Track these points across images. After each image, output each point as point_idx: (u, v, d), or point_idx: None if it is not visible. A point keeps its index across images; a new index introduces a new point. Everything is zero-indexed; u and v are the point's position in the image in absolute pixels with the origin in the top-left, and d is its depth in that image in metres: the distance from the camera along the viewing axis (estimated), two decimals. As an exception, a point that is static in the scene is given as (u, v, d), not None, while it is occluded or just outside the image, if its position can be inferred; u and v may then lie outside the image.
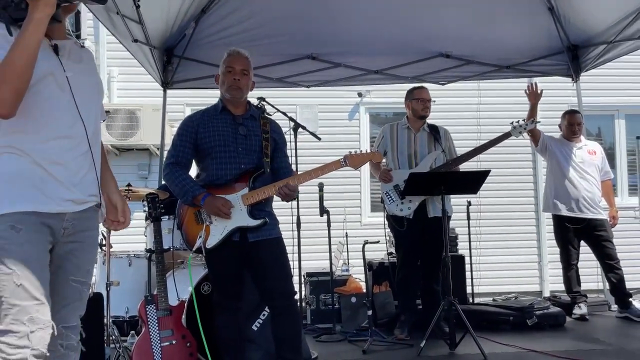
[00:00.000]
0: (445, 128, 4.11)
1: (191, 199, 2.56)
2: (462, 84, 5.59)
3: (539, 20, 4.48)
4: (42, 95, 1.64)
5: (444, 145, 3.92)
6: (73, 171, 1.71)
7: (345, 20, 4.38)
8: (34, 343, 1.58)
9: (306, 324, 4.32)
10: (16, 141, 1.64)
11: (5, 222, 1.59)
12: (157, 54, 4.38)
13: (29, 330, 1.57)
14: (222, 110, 2.68)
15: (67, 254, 1.75)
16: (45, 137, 1.66)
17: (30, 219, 1.63)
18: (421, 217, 3.79)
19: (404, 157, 3.89)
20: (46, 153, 1.66)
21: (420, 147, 3.90)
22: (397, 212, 3.80)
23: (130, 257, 3.75)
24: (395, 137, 3.96)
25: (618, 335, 3.96)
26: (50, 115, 1.67)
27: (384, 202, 3.88)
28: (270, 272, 2.59)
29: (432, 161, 3.86)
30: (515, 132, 3.95)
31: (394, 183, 3.81)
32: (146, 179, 6.36)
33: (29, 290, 1.59)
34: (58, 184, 1.68)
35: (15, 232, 1.59)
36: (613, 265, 4.31)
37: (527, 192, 6.94)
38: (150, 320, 2.91)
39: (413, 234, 3.79)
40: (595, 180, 4.41)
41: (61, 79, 1.70)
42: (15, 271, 1.57)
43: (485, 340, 3.49)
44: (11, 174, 1.63)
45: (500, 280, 6.45)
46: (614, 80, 6.85)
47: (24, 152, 1.64)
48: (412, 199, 3.77)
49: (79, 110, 1.73)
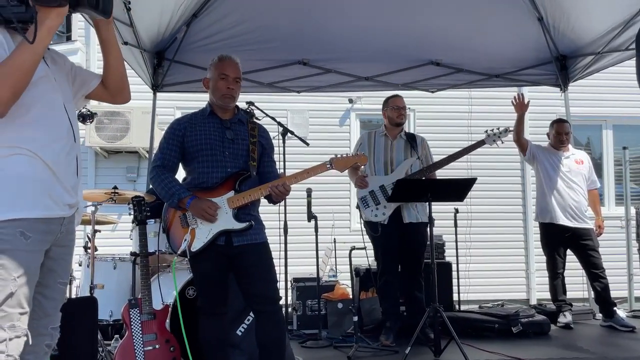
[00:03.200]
0: (422, 136, 4.15)
1: (177, 202, 2.55)
2: (453, 92, 5.65)
3: (528, 30, 4.53)
4: (41, 97, 1.65)
5: (420, 153, 3.95)
6: (69, 174, 1.73)
7: (336, 26, 4.41)
8: (10, 349, 1.57)
9: (292, 329, 4.31)
10: (24, 142, 1.62)
11: (16, 227, 1.58)
12: (147, 57, 4.38)
13: (8, 337, 1.57)
14: (210, 114, 2.68)
15: (58, 258, 1.76)
16: (49, 139, 1.67)
17: (39, 226, 1.63)
18: (397, 223, 3.81)
19: (380, 164, 3.93)
20: (52, 155, 1.66)
21: (396, 154, 3.94)
22: (371, 218, 3.82)
23: (115, 260, 3.71)
24: (373, 144, 4.00)
25: (601, 344, 3.99)
26: (49, 117, 1.69)
27: (359, 208, 3.89)
28: (256, 277, 2.58)
29: (407, 168, 3.89)
30: (489, 140, 3.97)
31: (369, 189, 3.84)
32: (135, 182, 6.34)
33: (19, 299, 1.59)
34: (62, 187, 1.69)
35: (24, 240, 1.59)
36: (598, 274, 4.34)
37: (515, 200, 7.00)
38: (133, 323, 2.89)
39: (389, 240, 3.81)
40: (582, 189, 4.45)
41: (52, 82, 1.71)
42: (15, 279, 1.57)
43: (470, 347, 3.50)
44: (23, 176, 1.61)
45: (488, 287, 6.49)
46: (602, 91, 6.94)
47: (33, 153, 1.63)
48: (387, 205, 3.79)
49: (67, 113, 1.75)
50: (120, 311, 2.99)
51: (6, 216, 1.58)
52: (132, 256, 3.51)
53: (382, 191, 3.81)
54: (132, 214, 3.11)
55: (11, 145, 1.61)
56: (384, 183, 3.80)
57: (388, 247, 3.83)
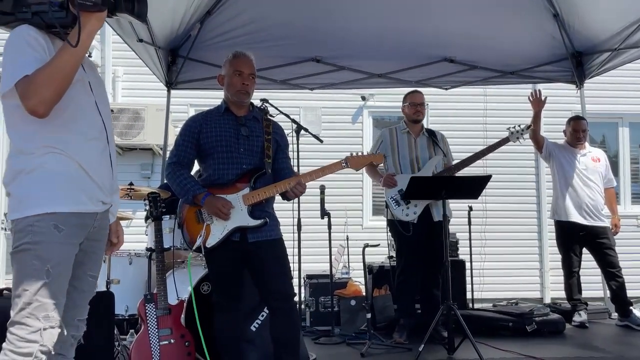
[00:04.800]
0: (441, 132, 4.13)
1: (192, 198, 2.57)
2: (468, 88, 5.60)
3: (543, 26, 4.48)
4: (76, 99, 1.71)
5: (443, 150, 3.94)
6: (102, 173, 1.79)
7: (349, 23, 4.40)
8: (45, 339, 1.61)
9: (305, 326, 4.33)
10: (57, 142, 1.69)
11: (49, 221, 1.64)
12: (162, 54, 4.41)
13: (42, 326, 1.61)
14: (225, 111, 2.70)
15: (89, 252, 1.82)
16: (82, 140, 1.73)
17: (72, 220, 1.69)
18: (426, 222, 3.79)
19: (406, 162, 3.90)
20: (85, 155, 1.73)
21: (421, 152, 3.92)
22: (402, 217, 3.79)
23: (131, 255, 3.76)
24: (395, 141, 3.97)
25: (617, 343, 3.95)
26: (84, 119, 1.76)
27: (388, 207, 3.86)
28: (270, 273, 2.59)
29: (433, 166, 3.88)
30: (513, 137, 3.96)
31: (398, 188, 3.81)
32: (149, 179, 6.38)
33: (54, 290, 1.64)
34: (94, 184, 1.76)
35: (58, 232, 1.65)
36: (614, 273, 4.30)
37: (530, 198, 6.93)
38: (149, 318, 2.92)
39: (417, 239, 3.78)
40: (599, 187, 4.40)
41: (86, 85, 1.79)
42: (49, 269, 1.62)
43: (483, 345, 3.48)
44: (57, 174, 1.68)
45: (502, 286, 6.44)
46: (619, 88, 6.84)
47: (67, 153, 1.69)
48: (417, 204, 3.77)
49: (100, 114, 1.82)
50: (136, 306, 3.03)
51: (41, 210, 1.64)
52: (148, 252, 3.54)
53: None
54: (148, 210, 3.14)
55: (46, 145, 1.68)
56: None
57: (416, 245, 3.81)
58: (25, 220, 1.64)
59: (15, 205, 1.68)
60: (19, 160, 1.69)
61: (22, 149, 1.69)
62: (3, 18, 1.70)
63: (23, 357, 1.59)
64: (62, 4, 1.65)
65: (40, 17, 1.66)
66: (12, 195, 1.70)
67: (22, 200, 1.66)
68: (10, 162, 1.71)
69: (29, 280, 1.61)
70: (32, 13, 1.66)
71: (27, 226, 1.63)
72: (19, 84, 1.60)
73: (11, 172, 1.70)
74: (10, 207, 1.70)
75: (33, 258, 1.62)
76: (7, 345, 1.60)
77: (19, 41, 1.65)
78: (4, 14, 1.69)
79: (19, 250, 1.64)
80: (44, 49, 1.66)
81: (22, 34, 1.66)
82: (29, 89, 1.59)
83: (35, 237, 1.62)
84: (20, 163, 1.68)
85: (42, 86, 1.59)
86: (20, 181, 1.67)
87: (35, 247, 1.62)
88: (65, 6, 1.65)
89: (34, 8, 1.66)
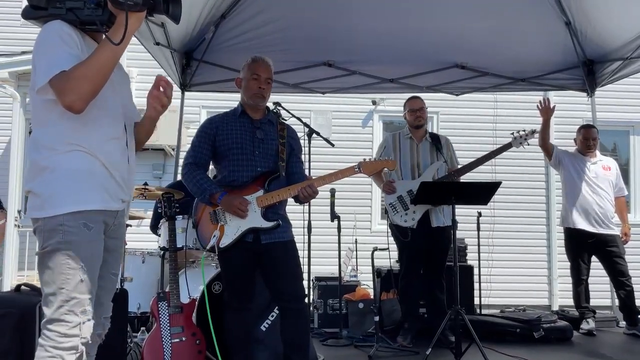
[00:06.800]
0: (446, 137, 4.14)
1: (208, 198, 2.62)
2: (478, 94, 5.63)
3: (555, 34, 4.49)
4: (101, 99, 1.72)
5: (445, 156, 3.94)
6: (122, 171, 1.82)
7: (361, 28, 4.44)
8: (84, 332, 1.67)
9: (313, 327, 4.37)
10: (80, 140, 1.71)
11: (79, 220, 1.68)
12: (177, 57, 4.48)
13: (81, 321, 1.67)
14: (242, 114, 2.75)
15: (111, 250, 1.85)
16: (105, 138, 1.76)
17: (98, 217, 1.73)
18: (425, 227, 3.81)
19: (407, 168, 3.91)
20: (108, 154, 1.76)
21: (422, 157, 3.92)
22: (401, 223, 3.81)
23: (144, 254, 3.82)
24: (398, 147, 3.98)
25: (624, 352, 3.95)
26: (107, 117, 1.77)
27: (387, 213, 3.89)
28: (282, 274, 2.64)
29: (434, 172, 3.88)
30: (516, 142, 3.95)
31: (397, 194, 3.83)
32: (160, 179, 6.47)
33: (88, 285, 1.69)
34: (116, 183, 1.79)
35: (87, 230, 1.69)
36: (623, 282, 4.29)
37: (539, 205, 6.94)
38: (161, 316, 2.97)
39: (417, 244, 3.81)
40: (609, 195, 4.40)
41: (113, 85, 1.79)
42: (82, 267, 1.67)
43: (491, 351, 3.49)
44: (82, 172, 1.71)
45: (510, 292, 6.45)
46: (630, 97, 6.84)
47: (90, 152, 1.72)
48: (415, 210, 3.79)
49: (124, 115, 1.85)
50: (148, 304, 3.08)
51: (70, 209, 1.67)
52: (161, 251, 3.60)
53: (410, 196, 3.78)
54: (162, 209, 3.20)
55: (70, 142, 1.70)
56: (412, 188, 3.75)
57: (415, 250, 3.84)
58: (54, 219, 1.66)
59: (41, 203, 1.68)
60: (43, 156, 1.69)
61: (47, 144, 1.69)
62: (35, 12, 1.70)
63: (67, 351, 1.64)
64: (99, 2, 1.65)
65: (74, 14, 1.66)
66: (36, 193, 1.70)
67: (48, 198, 1.67)
68: (35, 158, 1.71)
69: (64, 279, 1.65)
70: (67, 9, 1.65)
71: (57, 225, 1.66)
72: (55, 79, 1.59)
73: (35, 169, 1.70)
74: (35, 205, 1.70)
75: (67, 257, 1.65)
76: (46, 341, 1.64)
77: (53, 37, 1.64)
78: (37, 8, 1.69)
79: (51, 250, 1.66)
80: (77, 45, 1.67)
81: (55, 30, 1.65)
82: (67, 84, 1.59)
83: (67, 236, 1.65)
84: (45, 160, 1.68)
85: (82, 82, 1.59)
86: (44, 179, 1.68)
87: (68, 246, 1.65)
88: (102, 4, 1.65)
89: (69, 4, 1.65)
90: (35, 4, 1.69)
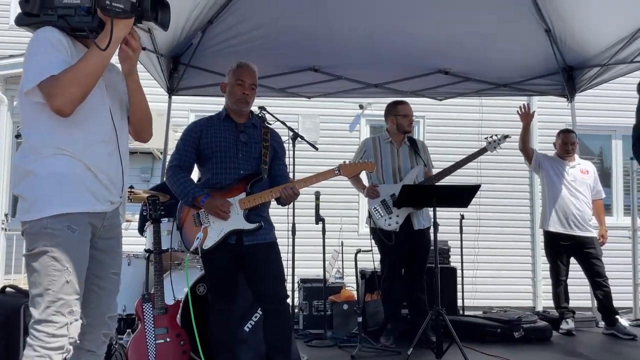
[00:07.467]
0: (422, 140, 4.21)
1: (191, 200, 2.67)
2: (464, 99, 5.72)
3: (536, 41, 4.60)
4: (89, 102, 1.76)
5: (424, 159, 4.03)
6: (111, 174, 1.85)
7: (347, 34, 4.51)
8: (71, 332, 1.72)
9: (298, 329, 4.42)
10: (65, 144, 1.74)
11: (63, 222, 1.71)
12: (164, 62, 4.52)
13: (68, 321, 1.71)
14: (226, 118, 2.81)
15: (107, 250, 1.89)
16: (91, 142, 1.79)
17: (83, 219, 1.76)
18: (407, 230, 3.89)
19: (388, 173, 3.97)
20: (93, 157, 1.79)
21: (403, 161, 4.00)
22: (385, 227, 3.87)
23: (129, 257, 3.85)
24: (379, 151, 4.03)
25: (602, 351, 4.04)
26: (94, 121, 1.81)
27: (371, 217, 3.95)
28: (264, 276, 2.69)
29: (414, 176, 3.96)
30: (491, 147, 4.07)
31: (380, 198, 3.89)
32: (148, 182, 6.49)
33: (74, 286, 1.72)
34: (102, 186, 1.82)
35: (71, 232, 1.72)
36: (601, 283, 4.39)
37: (523, 208, 7.05)
38: (146, 317, 3.01)
39: (399, 247, 3.88)
40: (586, 198, 4.51)
41: (101, 87, 1.83)
42: (68, 268, 1.71)
43: (471, 350, 3.56)
44: (66, 175, 1.74)
45: (495, 294, 6.54)
46: (612, 101, 6.97)
47: (74, 155, 1.75)
48: (399, 214, 3.86)
49: (112, 117, 1.88)
50: (133, 306, 3.12)
51: (54, 211, 1.71)
52: (147, 253, 3.63)
53: (393, 200, 3.84)
54: (147, 212, 3.24)
55: (55, 146, 1.74)
56: (394, 192, 3.81)
57: (398, 253, 3.91)
58: (39, 222, 1.70)
59: (27, 207, 1.72)
60: (29, 160, 1.73)
61: (33, 147, 1.73)
62: (28, 19, 1.75)
63: (54, 351, 1.68)
64: (89, 9, 1.70)
65: (65, 20, 1.70)
66: (22, 197, 1.75)
67: (34, 202, 1.71)
68: (20, 162, 1.76)
69: (50, 280, 1.69)
70: (58, 16, 1.70)
71: (42, 228, 1.70)
72: (45, 83, 1.65)
73: (20, 173, 1.75)
74: (22, 209, 1.74)
75: (52, 259, 1.69)
76: (34, 341, 1.68)
77: (43, 42, 1.70)
78: (30, 15, 1.74)
79: (37, 253, 1.70)
80: (67, 51, 1.72)
81: (46, 35, 1.70)
82: (56, 88, 1.64)
83: (52, 238, 1.69)
84: (30, 163, 1.72)
85: (70, 86, 1.65)
86: (29, 183, 1.72)
87: (53, 248, 1.69)
88: (92, 11, 1.70)
89: (60, 11, 1.70)
90: (28, 11, 1.74)
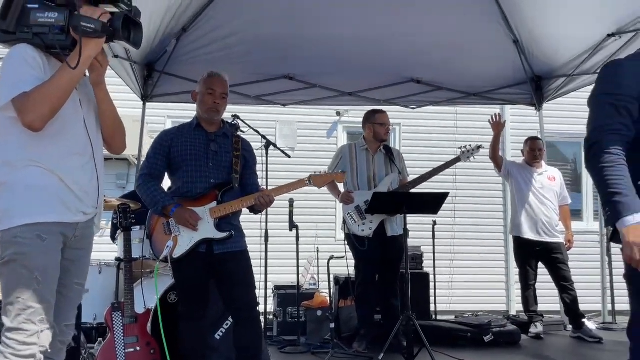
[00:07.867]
0: (397, 149, 4.29)
1: (161, 209, 2.68)
2: (439, 107, 5.82)
3: (505, 51, 4.72)
4: (63, 116, 1.80)
5: (399, 167, 4.11)
6: (84, 185, 1.88)
7: (321, 43, 4.56)
8: (42, 340, 1.73)
9: (272, 335, 4.43)
10: (38, 156, 1.78)
11: (33, 231, 1.74)
12: (137, 69, 4.52)
13: (39, 329, 1.73)
14: (197, 127, 2.83)
15: (74, 260, 1.91)
16: (64, 154, 1.82)
17: (54, 229, 1.79)
18: (380, 237, 3.95)
19: (363, 179, 4.04)
20: (66, 169, 1.82)
21: (378, 169, 4.07)
22: (358, 233, 3.93)
23: (100, 265, 3.82)
24: (355, 158, 4.11)
25: (569, 354, 4.15)
26: (67, 134, 1.84)
27: (345, 222, 4.02)
28: (235, 283, 2.71)
29: (389, 184, 4.03)
30: (464, 156, 4.18)
31: (355, 204, 3.95)
32: (124, 189, 6.44)
33: (44, 295, 1.74)
34: (75, 197, 1.84)
35: (41, 241, 1.75)
36: (567, 287, 4.51)
37: (497, 214, 7.18)
38: (115, 326, 3.00)
39: (373, 253, 3.94)
40: (554, 205, 4.64)
41: (75, 101, 1.87)
42: (37, 277, 1.73)
43: (441, 354, 3.63)
44: (38, 187, 1.77)
45: (470, 299, 6.63)
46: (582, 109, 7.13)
47: (47, 167, 1.78)
48: (372, 220, 3.92)
49: (87, 129, 1.91)
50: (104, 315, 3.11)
51: (24, 221, 1.74)
52: (117, 261, 3.62)
53: (367, 206, 3.89)
54: (118, 220, 3.23)
55: (28, 159, 1.78)
56: (368, 198, 3.85)
57: (371, 259, 3.97)
58: (10, 232, 1.74)
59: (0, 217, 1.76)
60: (3, 172, 1.77)
61: (7, 160, 1.78)
62: (4, 36, 1.80)
63: (25, 359, 1.70)
64: (63, 28, 1.75)
65: (40, 38, 1.76)
66: None
67: (5, 212, 1.75)
68: None
69: (20, 288, 1.71)
70: (34, 34, 1.76)
71: (12, 237, 1.73)
72: (17, 99, 1.70)
73: None
74: None
75: (21, 268, 1.72)
76: (6, 349, 1.70)
77: (18, 59, 1.75)
78: (6, 33, 1.79)
79: (7, 261, 1.74)
80: (41, 68, 1.77)
81: (21, 52, 1.76)
82: (27, 105, 1.70)
83: (21, 247, 1.73)
84: (3, 176, 1.77)
85: (40, 103, 1.70)
86: (2, 194, 1.76)
87: (22, 257, 1.72)
88: (65, 30, 1.75)
89: (35, 29, 1.75)
90: (4, 28, 1.79)
